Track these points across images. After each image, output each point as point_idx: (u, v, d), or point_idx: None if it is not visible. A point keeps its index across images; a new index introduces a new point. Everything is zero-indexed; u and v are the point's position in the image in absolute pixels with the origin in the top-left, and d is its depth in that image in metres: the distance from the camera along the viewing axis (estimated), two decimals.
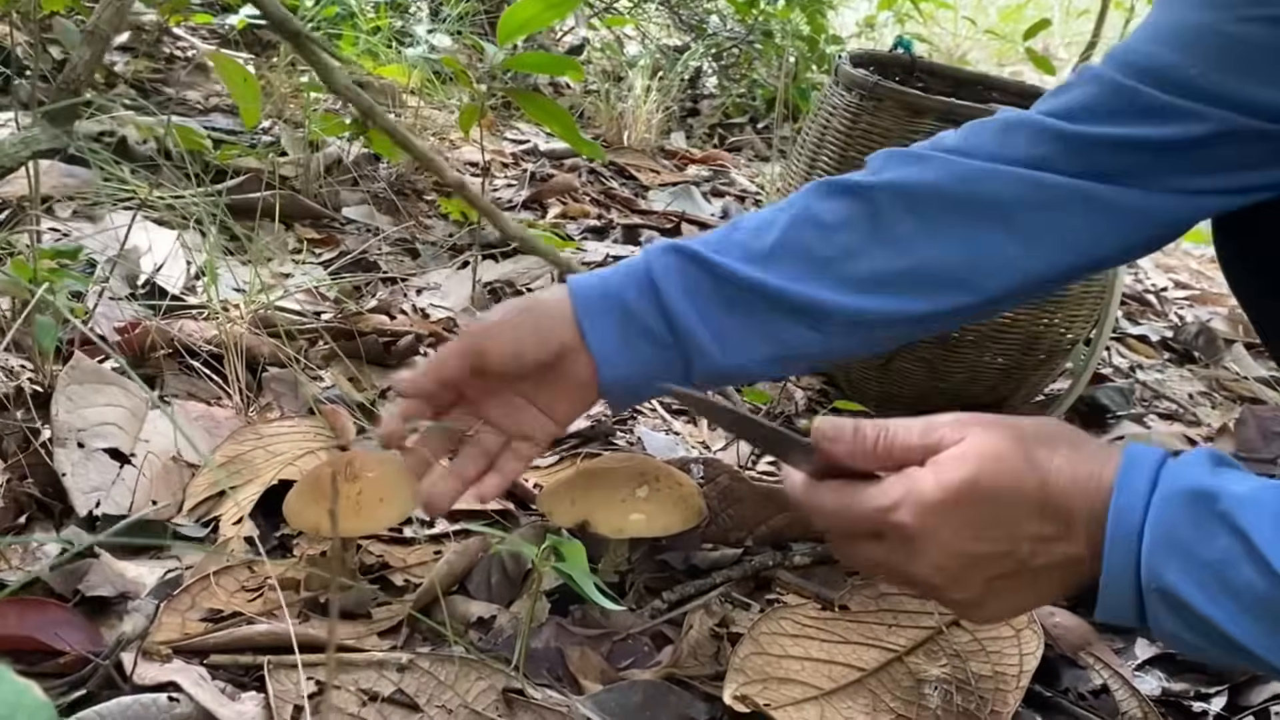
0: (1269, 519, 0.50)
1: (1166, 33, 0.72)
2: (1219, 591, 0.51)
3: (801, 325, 0.75)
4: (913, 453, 0.57)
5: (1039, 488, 0.54)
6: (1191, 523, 0.52)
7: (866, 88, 1.09)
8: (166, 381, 1.03)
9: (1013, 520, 0.55)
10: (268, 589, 0.72)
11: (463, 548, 0.78)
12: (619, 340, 0.73)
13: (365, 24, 2.17)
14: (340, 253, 1.44)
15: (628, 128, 2.37)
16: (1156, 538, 0.53)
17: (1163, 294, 2.08)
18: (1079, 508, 0.54)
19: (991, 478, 0.54)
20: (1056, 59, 4.57)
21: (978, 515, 0.55)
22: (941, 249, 0.75)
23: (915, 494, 0.55)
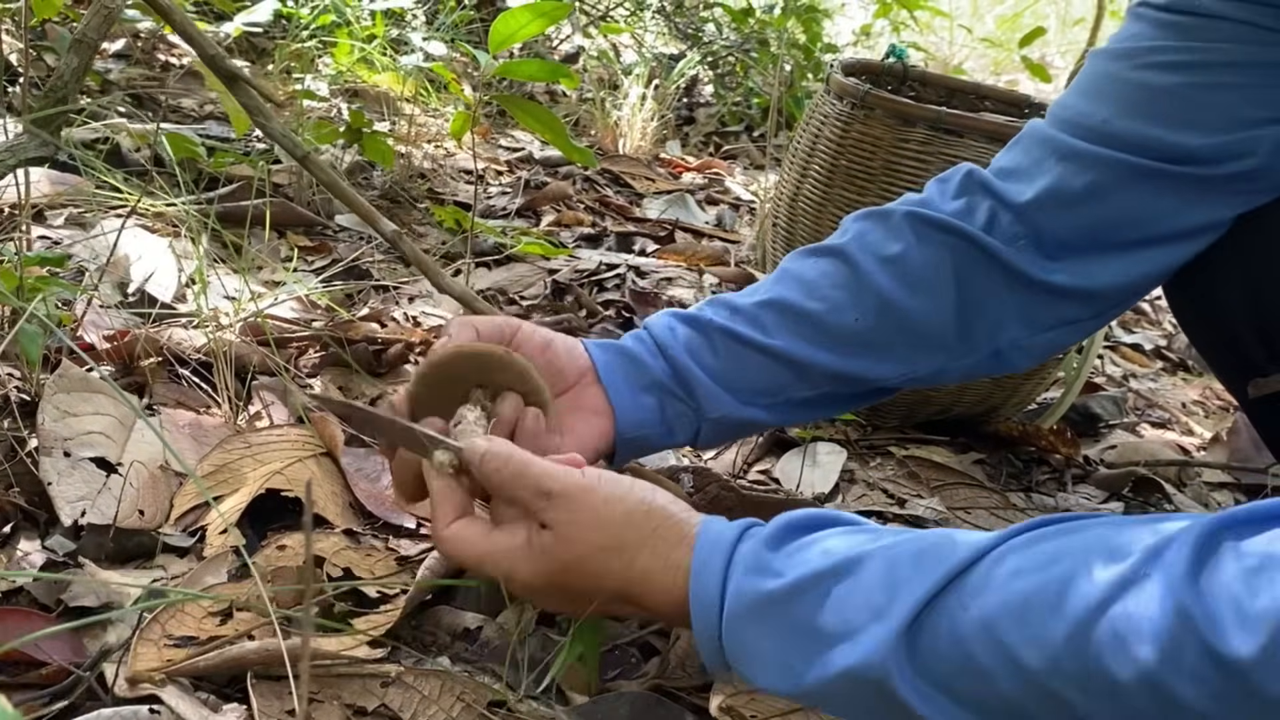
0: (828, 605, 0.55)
1: (1085, 83, 0.79)
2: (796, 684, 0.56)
3: (790, 375, 0.81)
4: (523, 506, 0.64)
5: (616, 591, 0.63)
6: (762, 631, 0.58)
7: (857, 96, 1.09)
8: (155, 390, 1.02)
9: (601, 601, 0.64)
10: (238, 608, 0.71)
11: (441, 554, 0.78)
12: (629, 389, 0.79)
13: (360, 32, 2.17)
14: (333, 260, 1.44)
15: (623, 136, 2.37)
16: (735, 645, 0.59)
17: (1157, 303, 2.08)
18: (658, 600, 0.62)
19: (573, 578, 0.63)
20: (1053, 67, 4.59)
21: (569, 596, 0.65)
22: (922, 309, 0.80)
23: (513, 571, 0.64)
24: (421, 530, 0.88)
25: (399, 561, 0.82)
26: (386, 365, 1.13)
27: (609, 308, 1.44)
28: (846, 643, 0.53)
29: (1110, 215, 0.77)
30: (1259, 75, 0.72)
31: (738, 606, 0.58)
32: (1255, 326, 0.78)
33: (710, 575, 0.59)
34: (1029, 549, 0.51)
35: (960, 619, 0.50)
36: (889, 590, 0.52)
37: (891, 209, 0.81)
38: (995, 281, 0.79)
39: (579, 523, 0.62)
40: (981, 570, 0.51)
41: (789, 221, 1.19)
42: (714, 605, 0.59)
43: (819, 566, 0.56)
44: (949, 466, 1.10)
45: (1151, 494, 1.13)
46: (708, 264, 1.66)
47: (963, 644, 0.50)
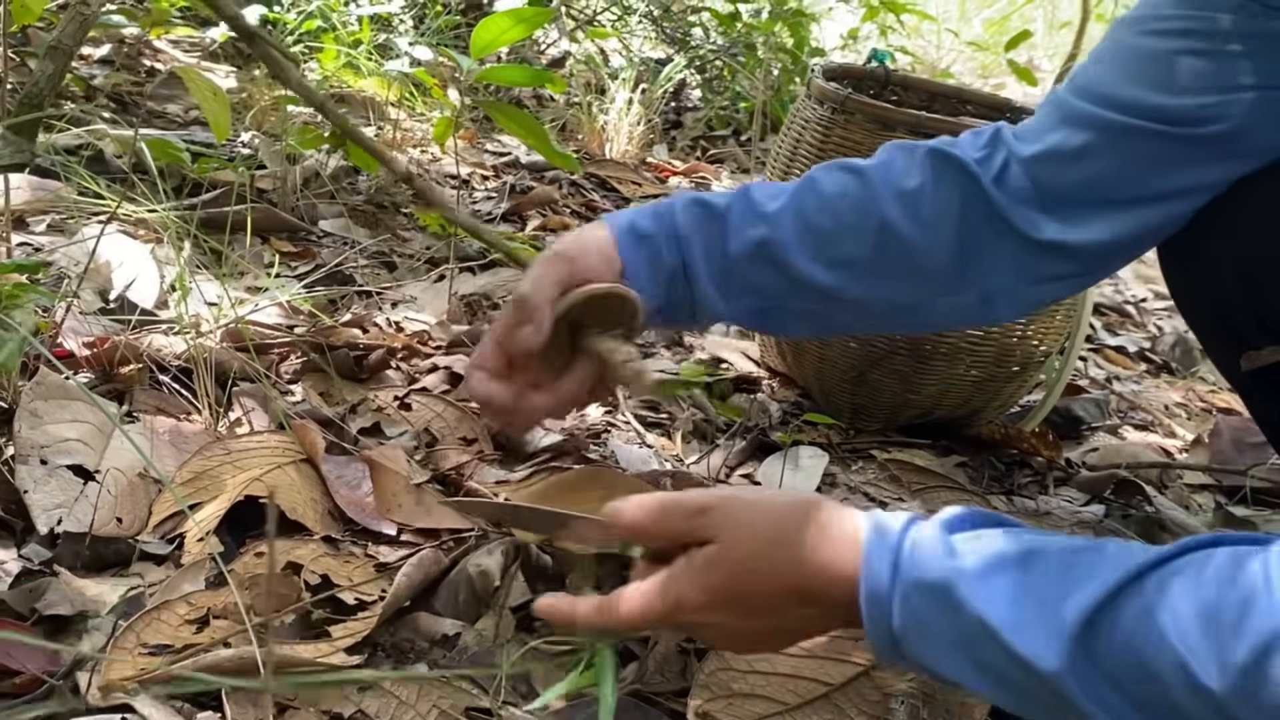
0: (1001, 594, 0.54)
1: (1100, 49, 0.84)
2: (974, 670, 0.56)
3: (786, 284, 0.85)
4: (682, 534, 0.63)
5: (790, 587, 0.60)
6: (935, 613, 0.56)
7: (838, 101, 1.09)
8: (135, 396, 1.02)
9: (774, 609, 0.61)
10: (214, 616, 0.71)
11: (417, 560, 0.78)
12: (649, 278, 0.83)
13: (347, 37, 2.17)
14: (316, 266, 1.43)
15: (609, 140, 2.37)
16: (907, 627, 0.57)
17: (1142, 305, 2.09)
18: (829, 594, 0.60)
19: (745, 582, 0.61)
20: (1041, 70, 4.60)
21: (741, 609, 0.62)
22: (924, 241, 0.83)
23: (684, 601, 0.61)
24: (402, 537, 0.88)
25: (377, 568, 0.81)
26: (368, 371, 1.12)
27: None
28: (1022, 632, 0.53)
29: (1100, 172, 0.81)
30: (1247, 44, 0.75)
31: (913, 584, 0.57)
32: (1246, 301, 0.80)
33: (884, 553, 0.58)
34: (1208, 563, 0.51)
35: (1137, 622, 0.51)
36: (1064, 589, 0.53)
37: (920, 145, 0.86)
38: (993, 231, 0.83)
39: (741, 522, 0.61)
40: (1160, 577, 0.51)
41: None
42: (886, 582, 0.57)
43: (995, 553, 0.56)
44: (930, 470, 1.10)
45: (1132, 496, 1.14)
46: None
47: (1138, 648, 0.50)
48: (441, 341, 1.26)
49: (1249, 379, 0.84)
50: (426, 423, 1.06)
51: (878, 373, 1.14)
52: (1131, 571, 0.51)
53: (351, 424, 1.04)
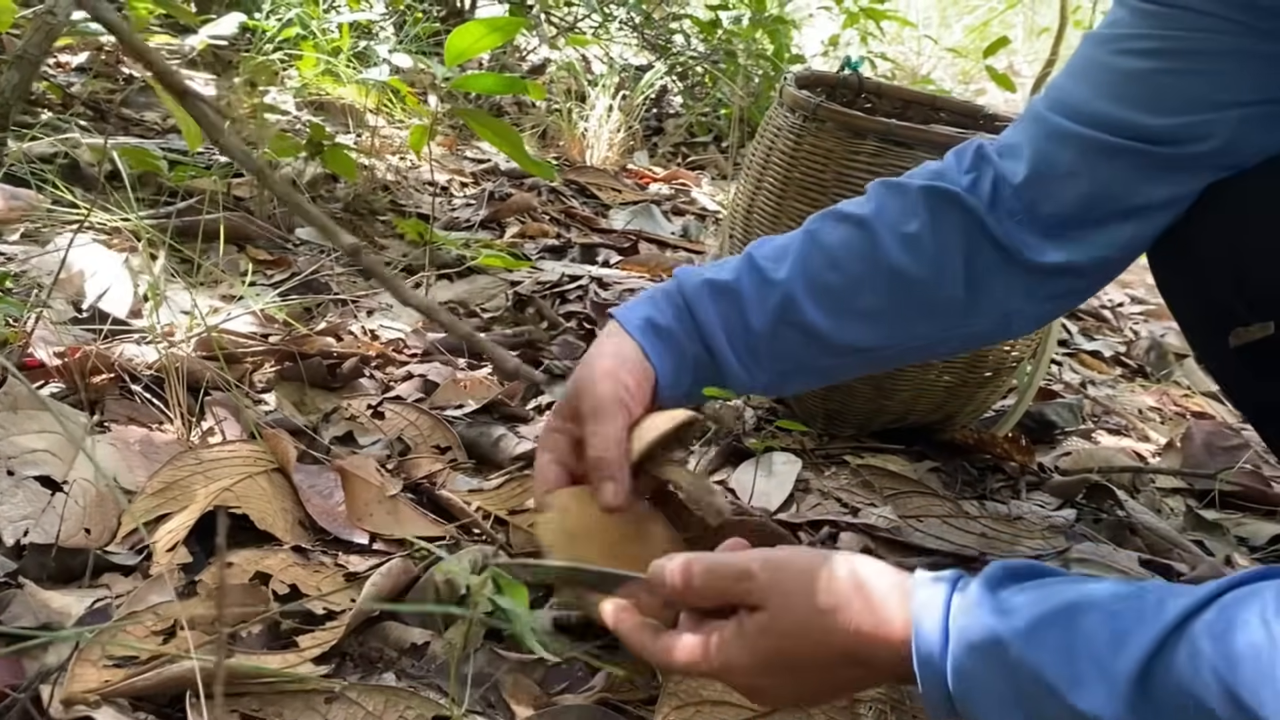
0: (1055, 658, 0.54)
1: (1074, 65, 0.84)
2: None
3: (816, 346, 0.87)
4: (728, 597, 0.64)
5: (842, 652, 0.61)
6: (989, 671, 0.56)
7: (809, 109, 1.10)
8: (107, 406, 1.02)
9: (824, 671, 0.62)
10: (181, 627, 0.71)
11: (386, 570, 0.78)
12: (676, 371, 0.85)
13: (327, 44, 2.17)
14: (291, 274, 1.43)
15: (590, 146, 2.38)
16: (963, 688, 0.57)
17: (1119, 309, 2.10)
18: (880, 658, 0.60)
19: (796, 645, 0.61)
20: (1020, 76, 4.63)
21: (794, 675, 0.63)
22: (934, 282, 0.85)
23: (733, 663, 0.63)
24: (375, 546, 0.88)
25: (347, 578, 0.81)
26: (341, 379, 1.12)
27: (570, 319, 1.44)
28: (1079, 688, 0.53)
29: (1091, 190, 0.82)
30: (1224, 63, 0.76)
31: (965, 646, 0.57)
32: (1234, 278, 0.81)
33: (933, 615, 0.59)
34: (1253, 602, 0.51)
35: (1190, 668, 0.51)
36: (1116, 640, 0.54)
37: (909, 182, 0.86)
38: (998, 260, 0.85)
39: (791, 590, 0.61)
40: (1206, 620, 0.52)
41: (744, 233, 1.20)
42: (939, 645, 0.58)
43: (1042, 608, 0.56)
44: (903, 475, 1.11)
45: (1104, 501, 1.15)
46: (671, 275, 1.66)
47: (1196, 693, 0.51)
48: (416, 349, 1.26)
49: (1236, 359, 0.85)
50: (399, 431, 1.06)
51: (851, 379, 1.15)
52: (1177, 617, 0.52)
53: (324, 433, 1.04)
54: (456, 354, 1.25)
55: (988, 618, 0.57)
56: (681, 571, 0.64)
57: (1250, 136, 0.77)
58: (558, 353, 1.33)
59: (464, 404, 1.15)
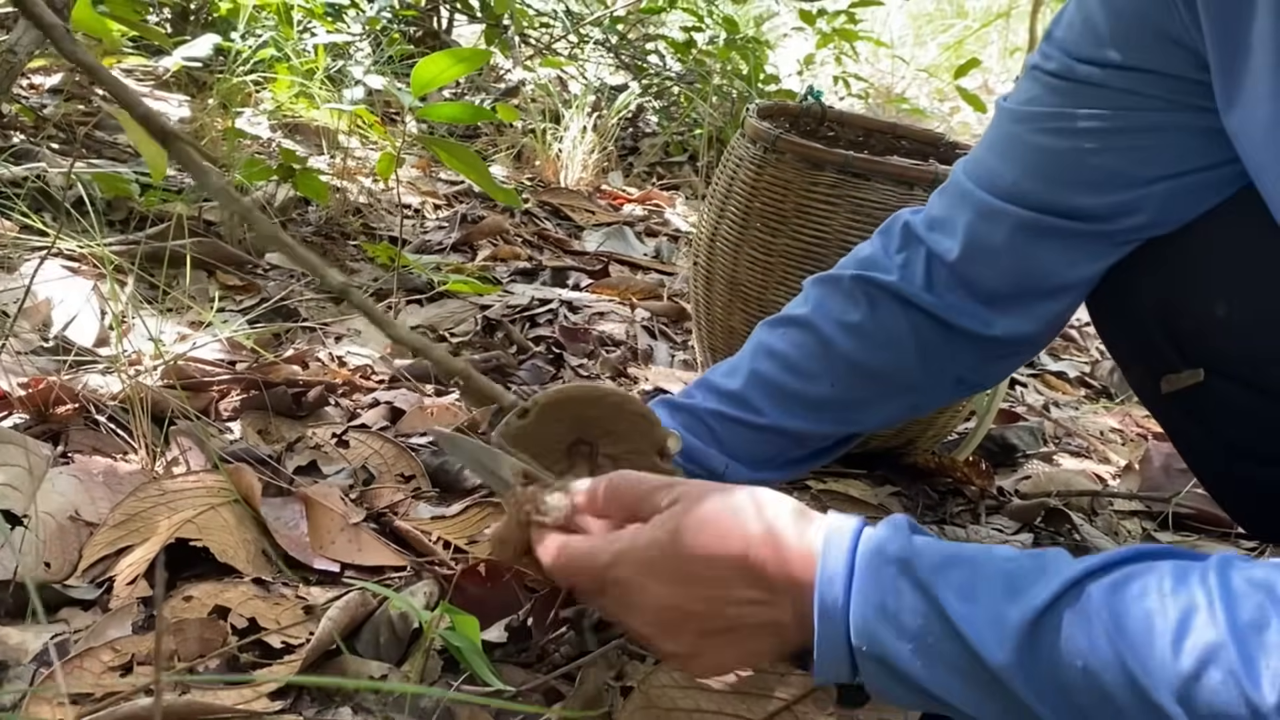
0: (955, 595, 0.55)
1: (994, 140, 0.83)
2: (924, 656, 0.55)
3: (786, 442, 0.89)
4: (640, 506, 0.63)
5: (740, 554, 0.59)
6: (894, 590, 0.56)
7: (769, 140, 1.12)
8: (72, 437, 1.02)
9: (716, 581, 0.59)
10: (139, 662, 0.71)
11: (344, 604, 0.78)
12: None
13: (300, 67, 2.17)
14: (261, 300, 1.44)
15: (564, 167, 2.39)
16: (864, 604, 0.56)
17: (1085, 329, 2.13)
18: (779, 575, 0.58)
19: (693, 538, 0.59)
20: (993, 95, 4.68)
21: (683, 573, 0.60)
22: (887, 364, 0.87)
23: (627, 551, 0.61)
24: (346, 577, 0.89)
25: (306, 610, 0.82)
26: (306, 408, 1.13)
27: (540, 344, 1.46)
28: (974, 624, 0.54)
29: (1028, 266, 0.83)
30: (1143, 138, 0.77)
31: (876, 556, 0.56)
32: (1165, 328, 0.83)
33: (841, 539, 0.57)
34: (1150, 573, 0.53)
35: (1080, 628, 0.52)
36: (1013, 589, 0.54)
37: (842, 274, 0.88)
38: (943, 336, 0.86)
39: (704, 491, 0.61)
40: (1103, 584, 0.53)
41: (708, 260, 1.21)
42: (846, 558, 0.57)
43: (948, 553, 0.57)
44: (863, 500, 1.12)
45: (1062, 525, 1.16)
46: (640, 298, 1.68)
47: (1082, 653, 0.52)
48: (384, 375, 1.27)
49: (1169, 402, 0.87)
50: (364, 460, 1.06)
51: None
52: (1075, 576, 0.53)
53: (289, 462, 1.05)
54: (423, 380, 1.26)
55: (899, 543, 0.57)
56: (596, 482, 0.65)
57: (1177, 207, 0.78)
58: (526, 377, 1.34)
59: (429, 431, 1.16)
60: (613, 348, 1.48)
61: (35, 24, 0.70)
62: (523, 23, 2.96)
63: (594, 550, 0.63)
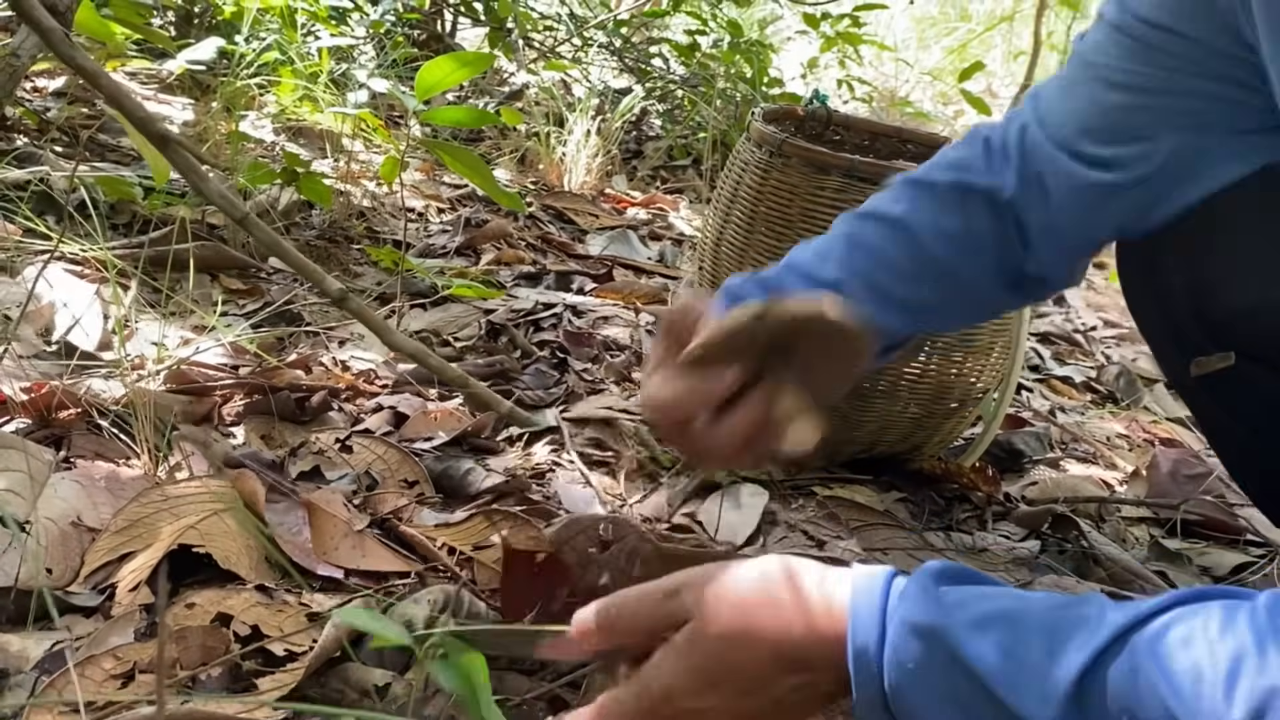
0: (993, 656, 0.53)
1: (1063, 82, 0.84)
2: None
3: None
4: (655, 623, 0.61)
5: (776, 654, 0.58)
6: (926, 660, 0.55)
7: (774, 144, 1.11)
8: (74, 442, 1.02)
9: (764, 681, 0.59)
10: (141, 670, 0.71)
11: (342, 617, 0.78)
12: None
13: (304, 70, 2.17)
14: (264, 304, 1.43)
15: (568, 171, 2.39)
16: (898, 677, 0.55)
17: (1091, 333, 2.12)
18: (817, 655, 0.57)
19: (733, 657, 0.58)
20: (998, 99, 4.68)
21: (732, 686, 0.59)
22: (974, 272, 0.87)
23: (673, 689, 0.59)
24: (351, 582, 0.88)
25: (310, 617, 0.81)
26: (310, 413, 1.12)
27: (544, 348, 1.45)
28: (1016, 691, 0.52)
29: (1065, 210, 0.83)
30: (1183, 100, 0.77)
31: (906, 628, 0.55)
32: (1197, 311, 0.83)
33: (870, 605, 0.56)
34: (1195, 619, 0.51)
35: (1127, 683, 0.51)
36: (1055, 648, 0.53)
37: (936, 180, 0.87)
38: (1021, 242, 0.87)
39: (719, 594, 0.59)
40: (1147, 635, 0.51)
41: (713, 266, 1.21)
42: (875, 635, 0.56)
43: (982, 607, 0.55)
44: (869, 506, 1.12)
45: (1069, 531, 1.16)
46: (645, 302, 1.67)
47: (1130, 709, 0.50)
48: (387, 380, 1.27)
49: (1197, 384, 0.87)
50: (367, 465, 1.06)
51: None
52: (1118, 630, 0.52)
53: (292, 467, 1.04)
54: (427, 385, 1.25)
55: (928, 607, 0.56)
56: (599, 611, 0.62)
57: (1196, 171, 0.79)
58: (530, 382, 1.33)
59: (434, 436, 1.15)
60: (617, 352, 1.47)
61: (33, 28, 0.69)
62: (526, 26, 2.96)
63: (637, 700, 0.60)
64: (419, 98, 1.20)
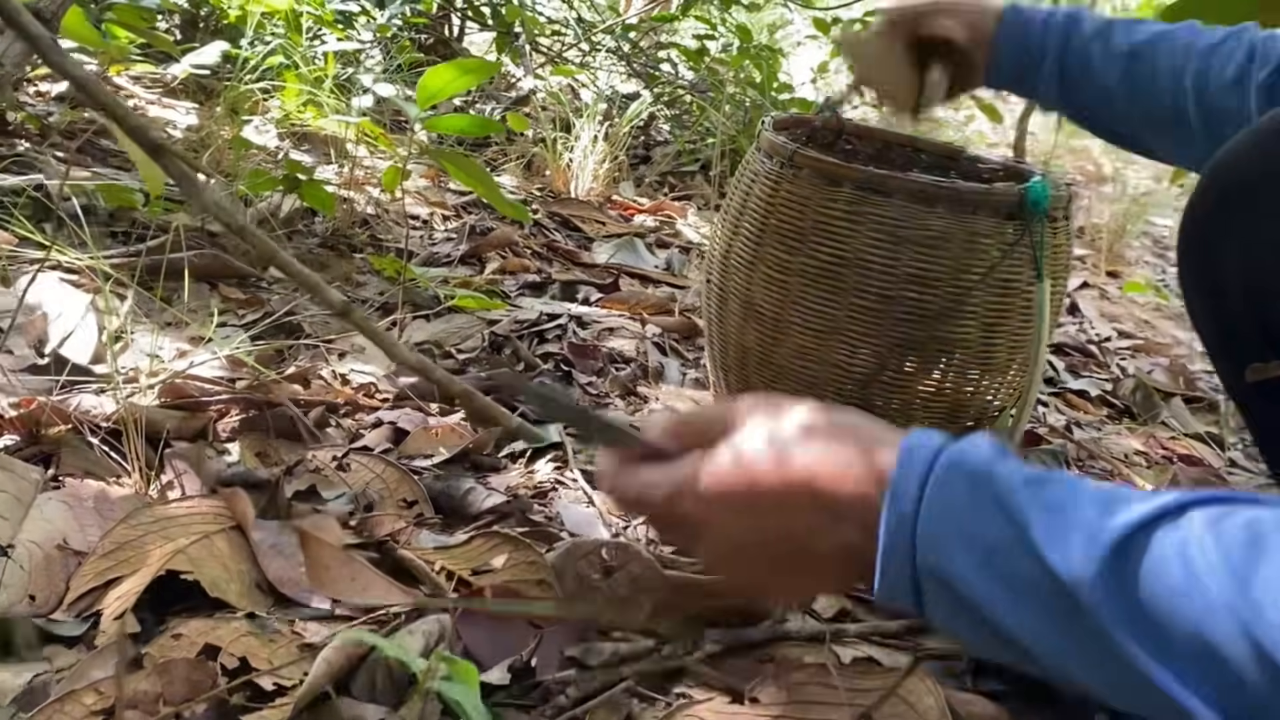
0: (1039, 509, 0.50)
1: None
2: (991, 576, 0.50)
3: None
4: (708, 431, 0.60)
5: (808, 478, 0.55)
6: (968, 504, 0.51)
7: (785, 155, 1.08)
8: (64, 459, 0.99)
9: (784, 507, 0.56)
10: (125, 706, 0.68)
11: (340, 643, 0.75)
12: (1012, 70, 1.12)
13: (309, 75, 2.15)
14: (264, 314, 1.41)
15: (575, 177, 2.36)
16: (933, 515, 0.52)
17: (1105, 345, 2.08)
18: (847, 495, 0.54)
19: (760, 472, 0.56)
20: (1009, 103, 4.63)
21: (747, 504, 0.57)
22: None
23: (686, 483, 0.58)
24: (337, 612, 0.85)
25: (302, 648, 0.78)
26: (307, 430, 1.09)
27: (548, 360, 1.42)
28: (1053, 542, 0.49)
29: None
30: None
31: (952, 471, 0.52)
32: (1254, 317, 0.84)
33: (926, 447, 0.53)
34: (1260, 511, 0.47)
35: (1179, 553, 0.47)
36: (1104, 508, 0.49)
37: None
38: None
39: (767, 412, 0.58)
40: (1207, 513, 0.48)
41: (721, 278, 1.17)
42: (922, 468, 0.52)
43: (1038, 473, 0.52)
44: None
45: None
46: (651, 313, 1.64)
47: (1177, 584, 0.46)
48: (388, 394, 1.24)
49: (1253, 390, 0.88)
50: (365, 484, 1.03)
51: None
52: (1176, 503, 0.48)
53: (288, 486, 1.01)
54: (428, 399, 1.22)
55: (984, 458, 0.52)
56: (668, 418, 0.63)
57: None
58: None
59: (434, 453, 1.12)
60: (622, 365, 1.44)
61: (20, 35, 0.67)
62: (534, 31, 2.93)
63: (654, 483, 0.60)
64: (421, 105, 1.17)
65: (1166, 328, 2.36)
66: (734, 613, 0.88)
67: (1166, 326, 2.37)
